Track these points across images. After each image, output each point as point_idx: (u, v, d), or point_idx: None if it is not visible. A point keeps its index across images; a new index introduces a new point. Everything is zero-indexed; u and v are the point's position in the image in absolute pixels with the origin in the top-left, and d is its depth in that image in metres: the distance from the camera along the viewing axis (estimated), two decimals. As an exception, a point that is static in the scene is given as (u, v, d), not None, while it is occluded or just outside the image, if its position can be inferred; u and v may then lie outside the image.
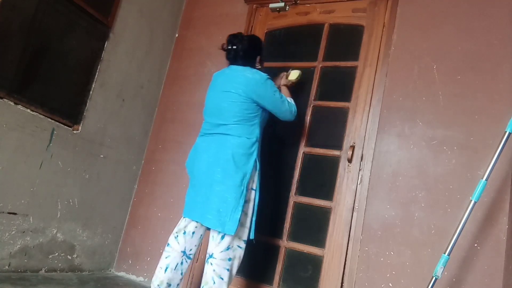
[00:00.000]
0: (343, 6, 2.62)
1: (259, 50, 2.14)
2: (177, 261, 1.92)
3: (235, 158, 1.85)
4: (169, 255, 1.94)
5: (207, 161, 1.91)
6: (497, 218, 1.88)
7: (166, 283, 1.89)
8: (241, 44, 2.05)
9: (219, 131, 1.94)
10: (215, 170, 1.86)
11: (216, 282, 1.80)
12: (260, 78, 1.96)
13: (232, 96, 1.93)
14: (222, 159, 1.86)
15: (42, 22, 2.25)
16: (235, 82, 1.95)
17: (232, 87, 1.94)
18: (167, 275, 1.90)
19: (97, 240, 2.74)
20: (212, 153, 1.90)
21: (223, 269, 1.81)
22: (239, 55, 2.05)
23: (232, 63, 2.08)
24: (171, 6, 3.18)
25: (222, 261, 1.82)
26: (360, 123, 2.33)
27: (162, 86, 3.16)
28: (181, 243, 1.94)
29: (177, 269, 1.92)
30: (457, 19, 2.22)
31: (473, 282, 1.85)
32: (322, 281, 2.19)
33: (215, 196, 1.83)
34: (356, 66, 2.45)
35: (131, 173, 2.95)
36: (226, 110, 1.93)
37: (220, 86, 2.02)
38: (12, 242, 2.19)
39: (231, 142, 1.88)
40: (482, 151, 1.98)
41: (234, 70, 2.03)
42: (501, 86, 2.03)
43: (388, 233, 2.08)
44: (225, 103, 1.94)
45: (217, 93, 2.01)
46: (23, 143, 2.19)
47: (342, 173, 2.30)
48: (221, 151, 1.88)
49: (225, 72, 2.07)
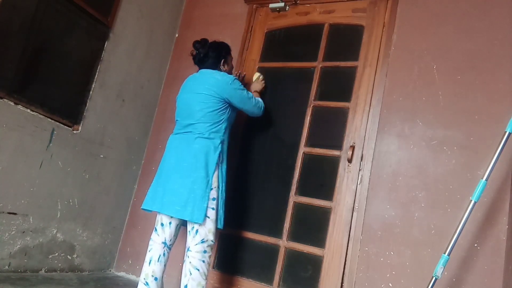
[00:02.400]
0: (343, 6, 2.61)
1: (223, 54, 2.29)
2: (159, 252, 2.04)
3: (201, 154, 2.00)
4: (152, 248, 2.06)
5: (176, 157, 2.05)
6: (497, 218, 1.88)
7: (151, 275, 2.00)
8: (203, 49, 2.24)
9: (188, 130, 2.09)
10: (183, 165, 2.00)
11: (193, 273, 1.93)
12: (228, 79, 2.13)
13: (203, 97, 2.09)
14: (189, 155, 2.01)
15: (42, 22, 2.25)
16: (206, 84, 2.11)
17: (204, 88, 2.10)
18: (151, 268, 2.01)
19: (97, 240, 2.74)
20: (181, 150, 2.05)
21: (199, 261, 1.94)
22: (203, 60, 2.25)
23: (200, 67, 2.26)
24: (171, 6, 3.19)
25: (198, 253, 1.94)
26: (360, 123, 2.33)
27: (162, 86, 3.16)
28: (160, 234, 2.07)
29: (160, 261, 2.03)
30: (457, 19, 2.22)
31: (473, 282, 1.85)
32: (322, 281, 2.19)
33: (183, 188, 1.96)
34: (356, 66, 2.44)
35: (131, 173, 2.95)
36: (196, 110, 2.09)
37: (191, 88, 2.18)
38: (12, 242, 2.19)
39: (198, 140, 2.04)
40: (482, 151, 1.98)
41: (203, 73, 2.20)
42: (501, 86, 2.03)
43: (388, 233, 2.08)
44: (195, 104, 2.10)
45: (188, 95, 2.16)
46: (23, 143, 2.19)
47: (342, 173, 2.30)
48: (189, 148, 2.03)
49: (195, 75, 2.23)
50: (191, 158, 2.00)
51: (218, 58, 2.26)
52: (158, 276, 2.01)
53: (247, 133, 2.67)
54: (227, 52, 2.33)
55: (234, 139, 2.64)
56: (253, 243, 2.47)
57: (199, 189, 1.95)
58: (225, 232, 2.56)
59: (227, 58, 2.31)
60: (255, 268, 2.43)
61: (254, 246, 2.47)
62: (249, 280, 2.40)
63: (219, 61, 2.26)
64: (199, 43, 2.27)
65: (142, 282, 2.00)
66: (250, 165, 2.66)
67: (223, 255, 2.56)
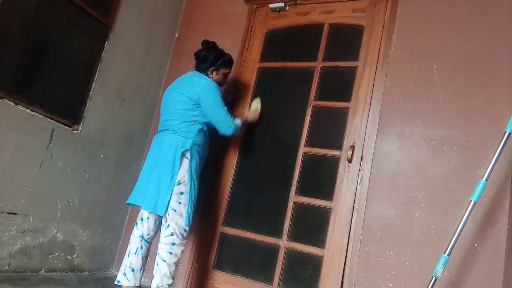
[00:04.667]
0: (343, 6, 2.61)
1: (217, 64, 2.34)
2: (136, 245, 2.16)
3: (170, 149, 2.10)
4: (131, 241, 2.19)
5: (155, 153, 2.17)
6: (497, 218, 1.88)
7: (128, 267, 2.12)
8: (205, 51, 2.34)
9: (165, 127, 2.21)
10: (157, 161, 2.12)
11: (160, 264, 2.05)
12: (205, 84, 2.20)
13: (177, 95, 2.20)
14: (161, 151, 2.12)
15: (42, 22, 2.25)
16: (184, 84, 2.23)
17: (181, 87, 2.22)
18: (129, 260, 2.13)
19: (97, 240, 2.74)
20: (158, 147, 2.17)
21: (166, 252, 2.05)
22: (200, 60, 2.34)
23: (196, 67, 2.36)
24: (171, 6, 3.19)
25: (166, 245, 2.06)
26: (360, 123, 2.33)
27: (162, 86, 3.16)
28: (139, 229, 2.19)
29: (137, 253, 2.15)
30: (457, 19, 2.22)
31: (473, 282, 1.85)
32: (322, 281, 2.19)
33: (152, 182, 2.09)
34: (356, 66, 2.44)
35: (131, 173, 2.95)
36: (171, 107, 2.20)
37: (173, 86, 2.30)
38: (12, 242, 2.19)
39: (170, 135, 2.15)
40: (482, 151, 1.97)
41: (190, 74, 2.32)
42: (501, 86, 2.03)
43: (388, 233, 2.08)
44: (171, 101, 2.22)
45: (169, 93, 2.29)
46: (23, 143, 2.19)
47: (342, 173, 2.30)
48: (162, 143, 2.15)
49: (183, 76, 2.34)
50: (162, 153, 2.12)
51: (211, 65, 2.32)
52: (136, 268, 2.13)
53: (247, 133, 2.67)
54: (223, 64, 2.37)
55: (234, 139, 2.64)
56: (253, 243, 2.47)
57: (164, 183, 2.06)
58: (225, 232, 2.57)
59: (218, 69, 2.35)
60: (255, 268, 2.43)
61: (254, 246, 2.47)
62: (249, 280, 2.40)
63: (209, 67, 2.32)
64: (206, 45, 2.37)
65: (121, 273, 2.13)
66: (250, 165, 2.66)
67: (223, 255, 2.56)
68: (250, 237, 2.48)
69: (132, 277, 2.11)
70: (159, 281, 2.02)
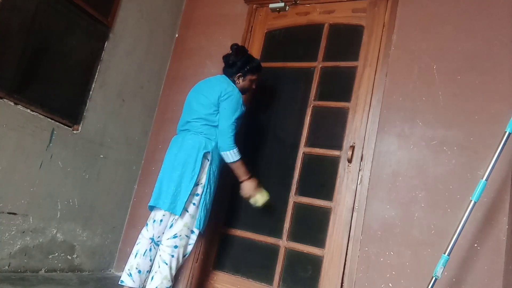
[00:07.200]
0: (343, 6, 2.61)
1: (244, 70, 2.29)
2: (145, 247, 2.10)
3: (193, 150, 2.06)
4: (139, 241, 2.12)
5: (175, 154, 2.12)
6: (497, 218, 1.88)
7: (135, 268, 2.07)
8: (234, 56, 2.29)
9: (186, 127, 2.18)
10: (178, 161, 2.08)
11: (161, 266, 1.98)
12: (228, 88, 2.15)
13: (202, 98, 2.18)
14: (183, 151, 2.08)
15: (42, 22, 2.25)
16: (210, 88, 2.19)
17: (206, 90, 2.20)
18: (136, 260, 2.08)
19: (97, 240, 2.74)
20: (178, 147, 2.13)
21: (168, 255, 1.99)
22: (228, 65, 2.30)
23: (223, 71, 2.33)
24: (171, 6, 3.19)
25: (168, 247, 1.99)
26: (360, 123, 2.33)
27: (162, 86, 3.16)
28: (150, 230, 2.12)
29: (146, 255, 2.09)
30: (457, 19, 2.22)
31: (473, 282, 1.85)
32: (322, 281, 2.19)
33: (172, 182, 2.04)
34: (356, 66, 2.44)
35: (131, 173, 2.95)
36: (195, 110, 2.17)
37: (198, 88, 2.28)
38: (12, 242, 2.19)
39: (192, 136, 2.12)
40: (482, 151, 1.97)
41: (216, 77, 2.29)
42: (501, 86, 2.03)
43: (388, 233, 2.08)
44: (195, 103, 2.20)
45: (193, 94, 2.28)
46: (23, 143, 2.19)
47: (342, 173, 2.30)
48: (184, 144, 2.11)
49: (209, 78, 2.32)
50: (183, 153, 2.08)
51: (238, 71, 2.28)
52: (142, 269, 2.08)
53: (247, 133, 2.67)
54: (251, 70, 2.31)
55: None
56: (253, 243, 2.47)
57: (184, 182, 2.02)
58: (225, 232, 2.57)
59: (245, 75, 2.30)
60: (255, 268, 2.43)
61: (254, 246, 2.47)
62: (249, 280, 2.40)
63: (236, 73, 2.28)
64: (236, 49, 2.32)
65: (126, 273, 2.07)
66: (250, 165, 2.65)
67: (223, 255, 2.56)
68: (250, 237, 2.48)
69: (138, 279, 2.06)
70: (159, 283, 1.97)
